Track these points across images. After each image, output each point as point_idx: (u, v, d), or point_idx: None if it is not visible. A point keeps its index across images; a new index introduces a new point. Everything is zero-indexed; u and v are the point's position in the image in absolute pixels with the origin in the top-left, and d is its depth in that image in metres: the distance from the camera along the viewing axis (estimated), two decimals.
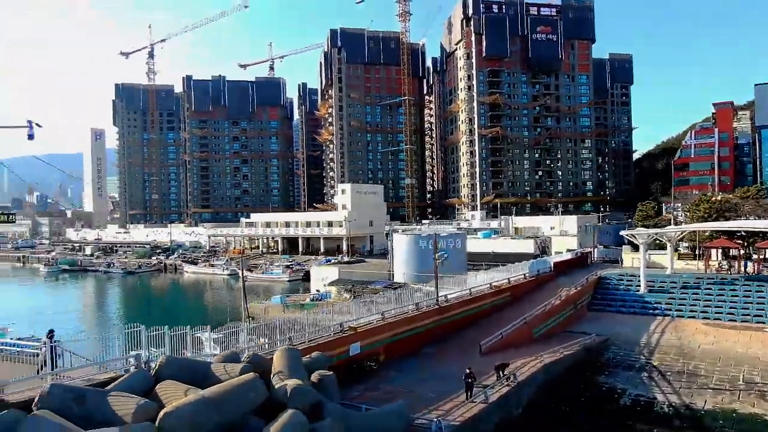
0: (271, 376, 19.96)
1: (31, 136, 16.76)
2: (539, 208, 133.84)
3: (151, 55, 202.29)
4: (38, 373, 19.21)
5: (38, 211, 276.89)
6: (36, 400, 15.90)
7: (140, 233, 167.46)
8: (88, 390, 16.71)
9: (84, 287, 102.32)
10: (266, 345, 24.80)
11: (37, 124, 16.75)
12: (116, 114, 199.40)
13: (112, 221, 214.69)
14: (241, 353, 22.92)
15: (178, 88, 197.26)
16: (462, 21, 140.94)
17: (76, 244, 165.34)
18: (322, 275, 64.66)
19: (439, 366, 29.19)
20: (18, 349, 21.38)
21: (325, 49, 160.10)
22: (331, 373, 21.64)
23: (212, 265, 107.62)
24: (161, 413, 15.58)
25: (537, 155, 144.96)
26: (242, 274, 50.26)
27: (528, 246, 73.68)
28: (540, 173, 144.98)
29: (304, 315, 28.94)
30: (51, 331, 39.50)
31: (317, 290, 61.37)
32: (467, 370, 24.19)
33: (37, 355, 20.17)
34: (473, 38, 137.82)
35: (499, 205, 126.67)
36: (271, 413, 17.51)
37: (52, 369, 19.04)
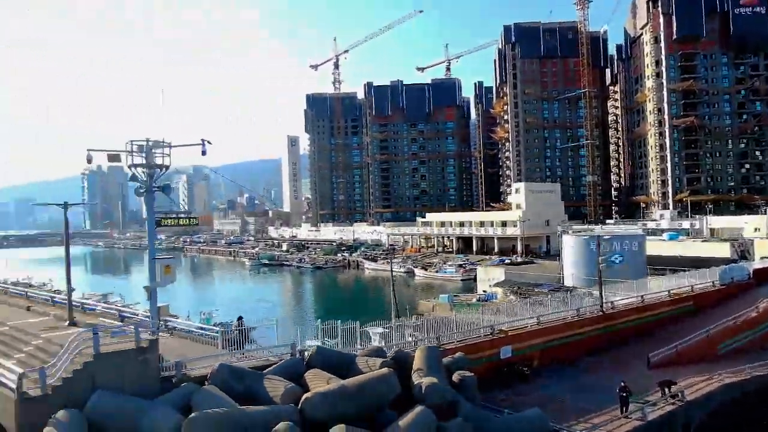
0: (412, 372, 20.87)
1: (204, 153, 19.70)
2: (745, 207, 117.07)
3: (336, 65, 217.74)
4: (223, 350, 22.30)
5: (247, 211, 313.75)
6: (208, 376, 18.69)
7: (329, 231, 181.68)
8: (248, 371, 19.11)
9: (278, 280, 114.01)
10: (413, 343, 25.73)
11: (208, 142, 19.65)
12: (307, 121, 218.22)
13: (305, 220, 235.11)
14: (389, 349, 24.19)
15: (360, 95, 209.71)
16: (647, 2, 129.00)
17: (275, 241, 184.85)
18: (489, 276, 64.28)
19: (596, 377, 27.59)
20: (203, 332, 24.85)
21: (499, 46, 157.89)
22: (472, 374, 21.83)
23: (390, 263, 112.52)
24: (303, 397, 17.31)
25: (742, 146, 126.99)
26: (391, 273, 52.49)
27: (723, 250, 65.10)
28: (747, 166, 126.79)
29: (456, 315, 29.35)
30: (240, 318, 44.90)
31: (483, 291, 61.22)
32: (621, 383, 22.64)
33: (216, 338, 23.30)
34: (661, 20, 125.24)
35: (689, 204, 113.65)
36: (406, 408, 18.35)
37: (239, 350, 21.96)
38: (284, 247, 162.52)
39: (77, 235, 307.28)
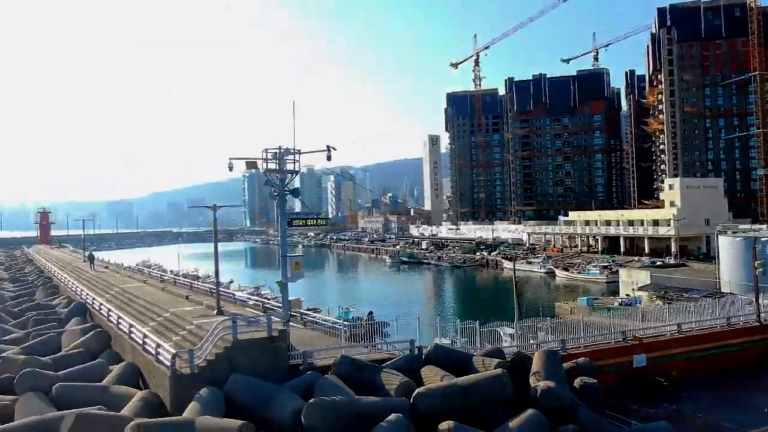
0: (530, 375, 20.67)
1: (329, 158, 21.20)
2: None
3: (476, 62, 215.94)
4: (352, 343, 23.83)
5: (390, 210, 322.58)
6: (331, 366, 20.13)
7: (468, 230, 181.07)
8: (367, 364, 20.23)
9: (416, 278, 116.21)
10: (536, 345, 25.27)
11: (333, 148, 21.10)
12: (447, 120, 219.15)
13: (446, 219, 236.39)
14: (516, 349, 24.07)
15: (501, 91, 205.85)
16: None
17: (415, 239, 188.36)
18: (632, 279, 60.08)
19: (747, 395, 24.97)
20: (331, 325, 26.57)
21: (653, 31, 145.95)
22: (595, 381, 21.02)
23: (529, 263, 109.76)
24: (415, 391, 18.00)
25: None
26: (514, 272, 50.79)
27: None
28: None
29: (584, 319, 28.19)
30: (370, 313, 46.95)
31: (627, 294, 57.45)
32: None
33: (345, 330, 24.82)
34: None
35: None
36: (521, 409, 18.27)
37: (364, 344, 23.38)
38: (424, 246, 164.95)
39: (238, 232, 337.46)
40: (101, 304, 31.05)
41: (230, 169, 21.43)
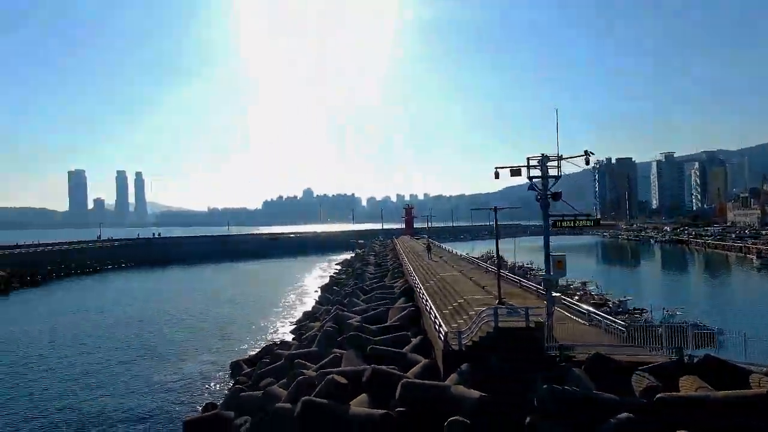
0: None
1: (587, 162, 22.08)
2: None
3: None
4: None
5: None
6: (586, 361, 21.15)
7: None
8: (620, 364, 20.53)
9: None
10: None
11: (591, 153, 21.94)
12: None
13: None
14: None
15: None
16: None
17: None
18: None
19: None
20: (610, 322, 26.68)
21: None
22: None
23: None
24: (656, 396, 17.78)
25: None
26: None
27: None
28: None
29: None
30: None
31: None
32: None
33: (622, 331, 24.87)
34: None
35: None
36: None
37: (640, 346, 23.20)
38: None
39: (587, 228, 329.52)
40: (420, 288, 37.60)
41: (496, 176, 24.30)
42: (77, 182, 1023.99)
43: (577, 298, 52.83)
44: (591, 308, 31.75)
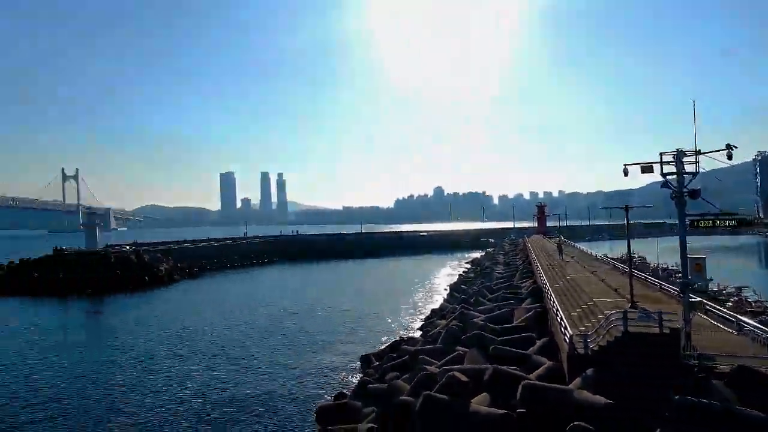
0: None
1: (729, 157, 20.31)
2: None
3: None
4: None
5: None
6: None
7: None
8: None
9: None
10: None
11: (734, 147, 20.18)
12: None
13: None
14: None
15: None
16: None
17: None
18: None
19: None
20: (760, 332, 24.26)
21: None
22: None
23: None
24: None
25: None
26: None
27: None
28: None
29: None
30: None
31: None
32: None
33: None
34: None
35: None
36: None
37: None
38: None
39: (743, 227, 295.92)
40: (548, 289, 36.65)
41: (625, 174, 23.07)
42: (227, 183, 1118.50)
43: (730, 304, 48.26)
44: (743, 317, 28.97)
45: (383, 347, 40.26)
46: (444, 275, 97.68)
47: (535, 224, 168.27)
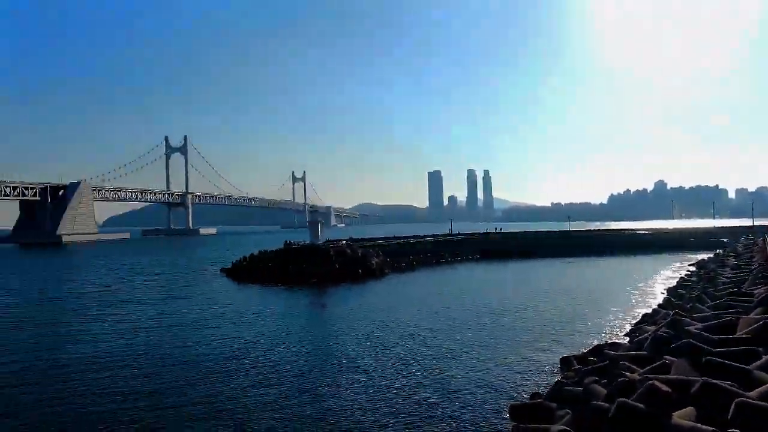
0: None
1: None
2: None
3: None
4: None
5: None
6: None
7: None
8: None
9: None
10: None
11: None
12: None
13: None
14: None
15: None
16: None
17: None
18: None
19: None
20: None
21: None
22: None
23: None
24: None
25: None
26: None
27: None
28: None
29: None
30: None
31: None
32: None
33: None
34: None
35: None
36: None
37: None
38: None
39: None
40: None
41: None
42: (434, 182, 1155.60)
43: None
44: None
45: (585, 350, 38.80)
46: (662, 278, 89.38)
47: None
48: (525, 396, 30.73)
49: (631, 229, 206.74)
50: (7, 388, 34.91)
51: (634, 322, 50.73)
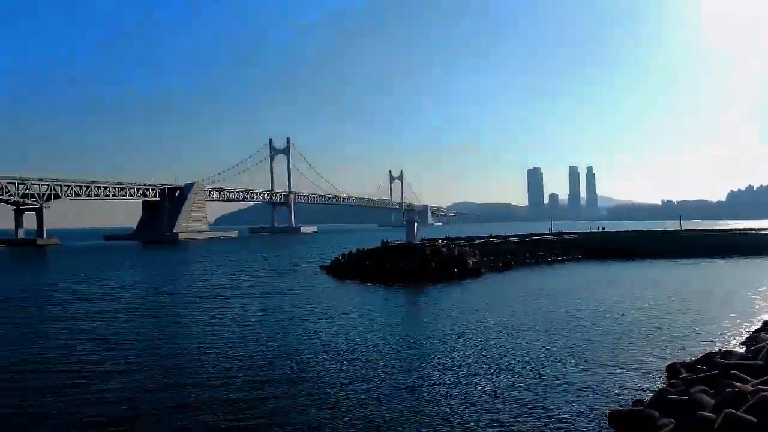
0: None
1: None
2: None
3: None
4: None
5: None
6: None
7: None
8: None
9: None
10: None
11: None
12: None
13: None
14: None
15: None
16: None
17: None
18: None
19: None
20: None
21: None
22: None
23: None
24: None
25: None
26: None
27: None
28: None
29: None
30: None
31: None
32: None
33: None
34: None
35: None
36: None
37: None
38: None
39: None
40: None
41: None
42: (534, 179, 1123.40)
43: None
44: None
45: (694, 358, 36.69)
46: None
47: None
48: (626, 403, 29.68)
49: (753, 229, 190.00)
50: (130, 373, 38.85)
51: (752, 329, 47.13)
